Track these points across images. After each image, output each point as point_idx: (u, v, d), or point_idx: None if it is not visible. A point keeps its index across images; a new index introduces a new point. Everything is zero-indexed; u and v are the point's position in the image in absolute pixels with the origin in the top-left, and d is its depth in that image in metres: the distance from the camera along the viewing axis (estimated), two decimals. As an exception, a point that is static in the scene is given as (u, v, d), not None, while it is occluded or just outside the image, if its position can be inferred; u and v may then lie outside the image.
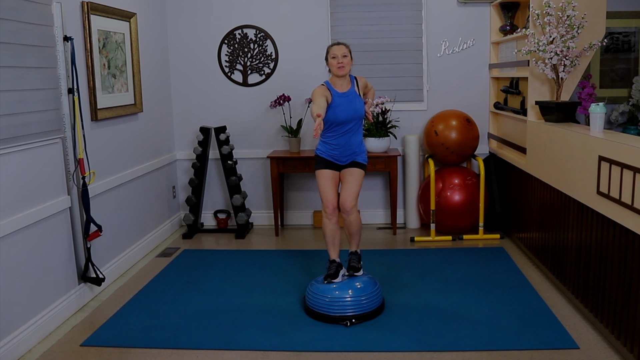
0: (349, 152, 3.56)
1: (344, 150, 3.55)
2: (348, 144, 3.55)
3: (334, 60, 3.50)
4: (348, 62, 3.51)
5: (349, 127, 3.53)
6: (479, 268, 4.23)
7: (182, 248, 4.95)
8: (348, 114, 3.50)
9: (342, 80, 3.56)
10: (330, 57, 3.53)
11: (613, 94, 5.53)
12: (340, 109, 3.48)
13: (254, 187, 5.61)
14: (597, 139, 3.11)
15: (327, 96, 3.45)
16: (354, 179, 3.54)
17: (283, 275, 4.20)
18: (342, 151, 3.55)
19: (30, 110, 3.21)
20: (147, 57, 4.89)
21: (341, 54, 3.50)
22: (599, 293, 3.15)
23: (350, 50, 3.58)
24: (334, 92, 3.52)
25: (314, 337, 3.21)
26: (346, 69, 3.51)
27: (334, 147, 3.56)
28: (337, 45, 3.56)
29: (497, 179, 5.13)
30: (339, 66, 3.49)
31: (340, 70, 3.49)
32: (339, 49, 3.52)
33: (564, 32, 3.75)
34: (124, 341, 3.22)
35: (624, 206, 2.77)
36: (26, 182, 3.21)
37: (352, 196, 3.51)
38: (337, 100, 3.49)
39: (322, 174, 3.58)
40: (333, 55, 3.51)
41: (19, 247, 3.13)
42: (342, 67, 3.49)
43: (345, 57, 3.50)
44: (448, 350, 3.02)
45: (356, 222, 3.59)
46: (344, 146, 3.55)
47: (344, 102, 3.50)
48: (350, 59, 3.55)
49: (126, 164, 4.47)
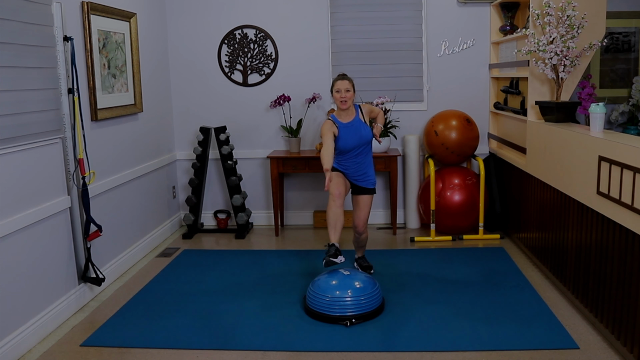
0: (360, 172, 3.90)
1: (355, 170, 3.89)
2: (359, 165, 3.89)
3: (338, 94, 3.81)
4: (350, 97, 3.81)
5: (357, 150, 3.85)
6: (479, 268, 4.23)
7: (182, 248, 4.95)
8: (355, 141, 3.81)
9: (346, 111, 3.86)
10: (335, 90, 3.83)
11: (613, 94, 5.53)
12: (347, 137, 3.80)
13: (254, 187, 5.61)
14: (597, 139, 3.11)
15: (335, 131, 3.78)
16: (366, 205, 3.95)
17: (283, 275, 4.20)
18: (354, 171, 3.89)
19: (30, 110, 3.21)
20: (147, 57, 4.89)
21: (344, 88, 3.79)
22: (599, 293, 3.15)
23: (354, 85, 3.86)
24: (339, 124, 3.82)
25: (314, 337, 3.21)
26: (348, 103, 3.81)
27: (347, 167, 3.89)
28: (342, 80, 3.83)
29: (497, 179, 5.13)
30: (341, 100, 3.79)
31: (343, 105, 3.81)
32: (342, 84, 3.80)
33: (564, 32, 3.75)
34: (124, 341, 3.22)
35: (624, 206, 2.77)
36: (26, 182, 3.21)
37: (365, 220, 3.97)
38: (343, 130, 3.81)
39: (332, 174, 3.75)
40: (337, 89, 3.81)
41: (19, 247, 3.13)
42: (345, 101, 3.79)
43: (348, 92, 3.79)
44: (448, 350, 3.02)
45: (366, 239, 4.11)
46: (355, 167, 3.89)
47: (350, 131, 3.81)
48: (353, 93, 3.83)
49: (126, 164, 4.47)
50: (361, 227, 3.97)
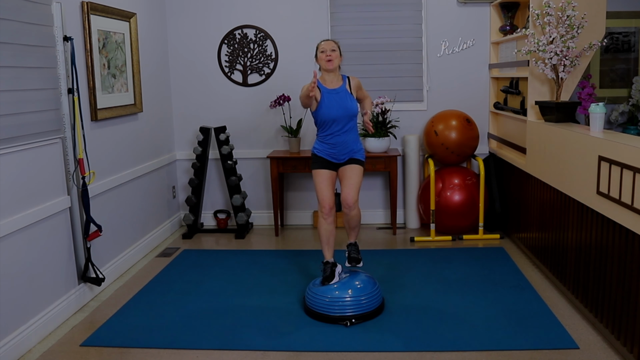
0: (347, 150, 3.57)
1: (341, 149, 3.57)
2: (345, 142, 3.56)
3: (323, 54, 3.53)
4: (336, 57, 3.54)
5: (342, 125, 3.54)
6: (479, 268, 4.23)
7: (182, 248, 4.95)
8: (339, 111, 3.50)
9: (332, 76, 3.57)
10: (319, 51, 3.56)
11: (613, 94, 5.53)
12: (330, 106, 3.50)
13: (253, 187, 5.61)
14: (597, 139, 3.11)
15: (317, 95, 3.49)
16: (354, 175, 3.56)
17: (283, 275, 4.20)
18: (339, 149, 3.56)
19: (30, 110, 3.21)
20: (147, 57, 4.89)
21: (330, 48, 3.53)
22: (599, 293, 3.15)
23: (339, 47, 3.60)
24: (323, 88, 3.53)
25: (313, 337, 3.21)
26: (335, 63, 3.52)
27: (331, 145, 3.57)
28: (326, 41, 3.61)
29: (497, 179, 5.13)
30: (327, 59, 3.51)
31: (329, 64, 3.51)
32: (327, 44, 3.56)
33: (564, 32, 3.75)
34: (124, 341, 3.22)
35: (624, 206, 2.77)
36: (26, 182, 3.21)
37: (354, 191, 3.54)
38: (327, 97, 3.51)
39: (319, 174, 3.59)
40: (322, 49, 3.55)
41: (18, 247, 3.13)
42: (331, 60, 3.51)
43: (334, 52, 3.53)
44: (448, 350, 3.02)
45: (357, 217, 3.63)
46: (341, 145, 3.56)
47: (334, 99, 3.51)
48: (339, 55, 3.57)
49: (126, 164, 4.47)
50: (350, 199, 3.51)
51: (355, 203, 3.56)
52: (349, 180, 3.55)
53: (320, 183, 3.57)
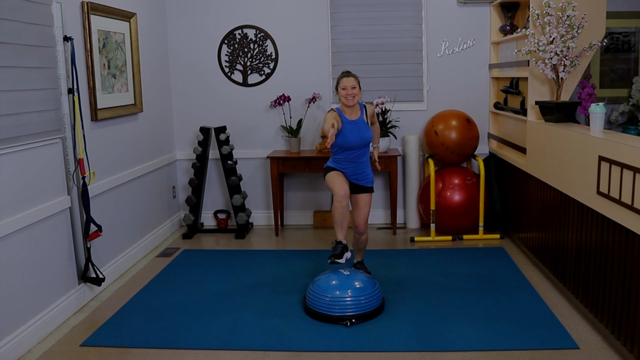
0: (358, 172, 3.80)
1: (353, 170, 3.79)
2: (357, 166, 3.79)
3: (344, 91, 3.69)
4: (357, 93, 3.71)
5: (357, 152, 3.75)
6: (479, 268, 4.23)
7: (182, 248, 4.95)
8: (357, 140, 3.72)
9: (352, 109, 3.76)
10: (341, 88, 3.71)
11: (613, 94, 5.53)
12: (349, 135, 3.70)
13: (254, 187, 5.61)
14: (597, 139, 3.11)
15: (339, 122, 3.65)
16: (365, 204, 3.84)
17: (283, 275, 4.20)
18: (351, 171, 3.79)
19: (30, 110, 3.21)
20: (147, 57, 4.89)
21: (350, 85, 3.68)
22: (599, 293, 3.15)
23: (359, 82, 3.75)
24: (344, 119, 3.72)
25: (314, 337, 3.21)
26: (355, 100, 3.71)
27: (345, 166, 3.78)
28: (347, 77, 3.72)
29: (497, 179, 5.13)
30: (348, 97, 3.68)
31: (350, 101, 3.69)
32: (348, 81, 3.69)
33: (564, 32, 3.75)
34: (124, 341, 3.22)
35: (624, 206, 2.77)
36: (26, 182, 3.21)
37: (365, 219, 3.85)
38: (348, 127, 3.70)
39: (333, 174, 3.74)
40: (343, 87, 3.70)
41: (19, 247, 3.13)
42: (352, 98, 3.69)
43: (354, 89, 3.69)
44: (448, 350, 3.02)
45: (366, 240, 3.97)
46: (353, 167, 3.78)
47: (354, 130, 3.71)
48: (359, 89, 3.73)
49: (126, 164, 4.47)
50: (362, 226, 3.85)
51: (366, 229, 3.89)
52: (361, 210, 3.83)
53: (334, 179, 3.70)
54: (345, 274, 3.54)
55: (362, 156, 3.79)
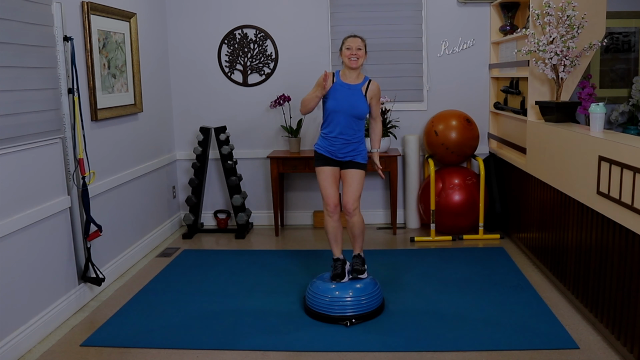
0: (348, 149, 3.53)
1: (340, 147, 3.52)
2: (345, 141, 3.51)
3: (348, 51, 3.48)
4: (362, 55, 3.49)
5: (345, 123, 3.48)
6: (479, 268, 4.23)
7: (182, 248, 4.95)
8: (344, 105, 3.47)
9: (353, 73, 3.53)
10: (345, 47, 3.50)
11: (613, 94, 5.54)
12: (340, 98, 3.47)
13: (254, 187, 5.61)
14: (597, 139, 3.11)
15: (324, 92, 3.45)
16: (355, 181, 3.53)
17: (283, 275, 4.20)
18: (339, 147, 3.52)
19: (30, 110, 3.21)
20: (147, 57, 4.89)
21: (356, 46, 3.47)
22: (599, 293, 3.15)
23: (366, 45, 3.55)
24: (339, 81, 3.52)
25: (314, 337, 3.21)
26: (359, 62, 3.48)
27: (331, 142, 3.53)
28: (354, 37, 3.52)
29: (497, 179, 5.13)
30: (351, 57, 3.46)
31: (353, 62, 3.47)
32: (354, 41, 3.49)
33: (564, 32, 3.75)
34: (124, 341, 3.22)
35: (624, 206, 2.77)
36: (26, 182, 3.21)
37: (354, 197, 3.51)
38: (338, 88, 3.49)
39: (322, 171, 3.57)
40: (348, 46, 3.49)
41: (18, 247, 3.13)
42: (355, 59, 3.47)
43: (360, 50, 3.48)
44: (448, 350, 3.02)
45: (359, 224, 3.58)
46: (340, 142, 3.51)
47: (345, 93, 3.49)
48: (365, 53, 3.52)
49: (126, 164, 4.47)
50: (350, 205, 3.49)
51: (356, 209, 3.53)
52: (349, 187, 3.53)
53: (323, 181, 3.56)
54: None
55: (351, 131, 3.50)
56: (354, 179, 3.53)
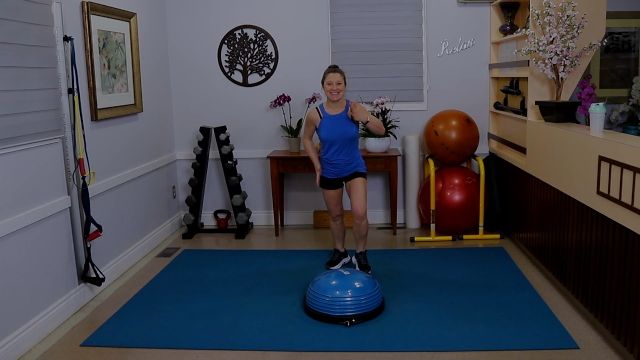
0: (349, 166, 4.01)
1: (344, 167, 4.01)
2: (345, 161, 3.99)
3: (329, 86, 3.91)
4: (342, 89, 3.91)
5: (341, 147, 3.95)
6: (479, 268, 4.23)
7: (182, 248, 4.95)
8: (336, 134, 3.92)
9: (336, 104, 3.97)
10: (326, 83, 3.92)
11: (613, 94, 5.53)
12: (330, 129, 3.93)
13: (254, 187, 5.61)
14: (597, 139, 3.11)
15: (316, 124, 4.00)
16: (361, 188, 4.00)
17: (283, 275, 4.20)
18: (342, 167, 4.01)
19: (30, 110, 3.21)
20: (147, 57, 4.89)
21: (336, 81, 3.89)
22: (599, 293, 3.15)
23: (345, 77, 3.95)
24: (325, 115, 3.97)
25: (314, 337, 3.21)
26: (339, 95, 3.91)
27: (333, 165, 4.01)
28: (333, 73, 3.91)
29: (497, 179, 5.13)
30: (332, 92, 3.90)
31: (334, 96, 3.91)
32: (334, 76, 3.90)
33: (564, 32, 3.75)
34: (124, 341, 3.22)
35: (624, 206, 2.77)
36: (26, 182, 3.21)
37: (363, 203, 3.99)
38: (327, 122, 3.95)
39: (327, 193, 4.12)
40: (329, 82, 3.91)
41: (19, 247, 3.13)
42: (336, 93, 3.90)
43: (339, 85, 3.89)
44: (448, 350, 3.03)
45: (366, 227, 4.09)
46: (342, 163, 4.00)
47: (333, 124, 3.93)
48: (344, 85, 3.93)
49: (126, 164, 4.47)
50: (361, 211, 3.97)
51: (365, 214, 4.01)
52: (357, 195, 3.98)
53: (328, 200, 4.13)
54: (346, 274, 3.54)
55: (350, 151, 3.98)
56: (359, 187, 4.00)
